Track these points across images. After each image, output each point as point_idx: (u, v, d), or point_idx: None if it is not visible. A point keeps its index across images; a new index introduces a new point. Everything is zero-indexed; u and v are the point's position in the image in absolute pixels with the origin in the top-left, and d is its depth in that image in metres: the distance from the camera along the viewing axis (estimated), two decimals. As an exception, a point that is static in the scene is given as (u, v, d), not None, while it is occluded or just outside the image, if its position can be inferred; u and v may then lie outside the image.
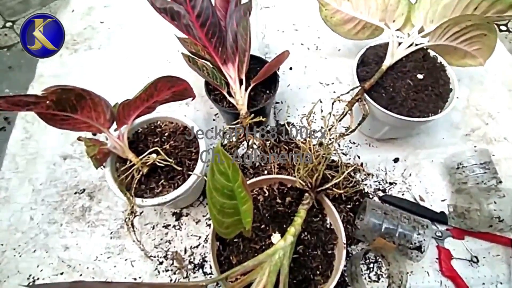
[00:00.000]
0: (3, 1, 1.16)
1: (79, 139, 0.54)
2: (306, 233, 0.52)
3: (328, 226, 0.54)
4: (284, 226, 0.52)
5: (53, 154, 0.78)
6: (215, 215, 0.39)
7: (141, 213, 0.69)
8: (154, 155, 0.56)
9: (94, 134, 0.76)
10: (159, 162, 0.54)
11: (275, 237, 0.49)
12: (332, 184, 0.49)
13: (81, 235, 0.68)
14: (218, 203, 0.39)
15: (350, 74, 0.68)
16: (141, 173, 0.54)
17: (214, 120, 0.82)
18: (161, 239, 0.67)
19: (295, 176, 0.53)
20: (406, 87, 0.65)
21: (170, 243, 0.66)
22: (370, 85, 0.63)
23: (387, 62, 0.66)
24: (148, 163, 0.54)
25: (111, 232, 0.68)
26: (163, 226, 0.68)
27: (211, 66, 0.69)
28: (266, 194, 0.56)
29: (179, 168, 0.55)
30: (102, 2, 1.07)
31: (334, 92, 0.85)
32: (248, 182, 0.56)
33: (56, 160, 0.77)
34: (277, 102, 0.84)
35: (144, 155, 0.54)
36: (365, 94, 0.63)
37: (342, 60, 0.90)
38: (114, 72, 0.90)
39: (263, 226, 0.52)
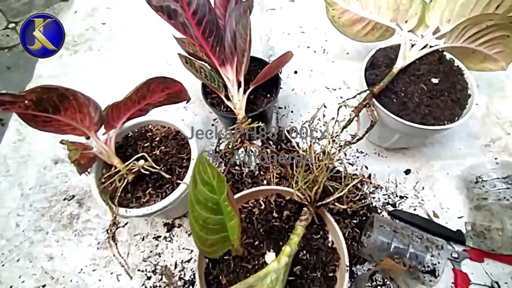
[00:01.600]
0: (7, 2, 1.16)
1: (61, 142, 0.50)
2: (304, 251, 0.46)
3: (329, 244, 0.48)
4: (280, 243, 0.47)
5: (44, 158, 0.74)
6: (198, 231, 0.35)
7: (125, 224, 0.64)
8: (141, 161, 0.52)
9: (88, 138, 0.73)
10: (145, 169, 0.50)
11: (269, 256, 0.44)
12: (335, 198, 0.43)
13: (67, 244, 0.64)
14: (201, 217, 0.34)
15: (359, 78, 0.63)
16: (126, 180, 0.49)
17: (213, 125, 0.78)
18: (151, 252, 0.62)
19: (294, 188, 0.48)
20: (420, 92, 0.59)
21: (160, 256, 0.61)
22: (380, 89, 0.58)
23: (399, 64, 0.60)
24: (134, 170, 0.50)
25: (98, 242, 0.63)
26: (153, 238, 0.63)
27: (209, 67, 0.65)
28: (262, 207, 0.51)
29: (168, 176, 0.51)
30: (106, 3, 1.05)
31: (341, 97, 0.80)
32: (243, 193, 0.51)
33: (47, 163, 0.74)
34: (280, 107, 0.79)
35: (130, 161, 0.50)
36: (374, 99, 0.58)
37: (350, 64, 0.85)
38: (113, 74, 0.88)
39: (256, 242, 0.47)
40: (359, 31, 0.72)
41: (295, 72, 0.85)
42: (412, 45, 0.64)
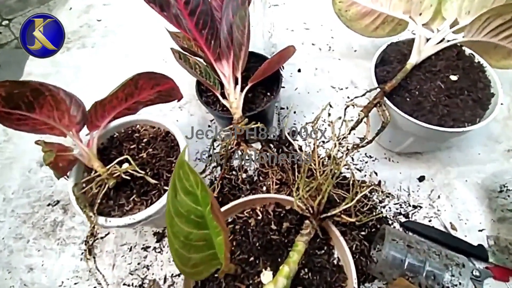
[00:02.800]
0: (2, 0, 1.13)
1: (36, 143, 0.45)
2: (306, 270, 0.41)
3: (335, 262, 0.42)
4: (279, 260, 0.41)
5: (30, 160, 0.70)
6: (178, 249, 0.29)
7: (107, 234, 0.59)
8: (126, 165, 0.47)
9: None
10: (128, 174, 0.45)
11: (266, 275, 0.38)
12: (341, 210, 0.38)
13: (48, 254, 0.59)
14: (182, 233, 0.29)
15: (367, 77, 0.57)
16: (106, 186, 0.44)
17: (209, 126, 0.72)
18: (138, 264, 0.57)
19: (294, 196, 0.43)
20: (436, 91, 0.53)
21: (148, 269, 0.56)
22: (392, 86, 0.52)
23: (413, 60, 0.55)
24: (115, 175, 0.44)
25: (82, 253, 0.58)
26: (142, 248, 0.58)
27: (205, 64, 0.60)
28: (259, 217, 0.45)
29: (154, 182, 0.46)
30: (102, 0, 1.01)
31: (348, 97, 0.74)
32: (238, 202, 0.45)
33: (32, 166, 0.69)
34: (282, 108, 0.73)
35: (111, 164, 0.45)
36: (385, 98, 0.52)
37: (358, 62, 0.79)
38: (107, 71, 0.83)
39: (252, 258, 0.41)
40: (368, 26, 0.66)
41: (299, 71, 0.79)
42: (427, 40, 0.58)
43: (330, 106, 0.53)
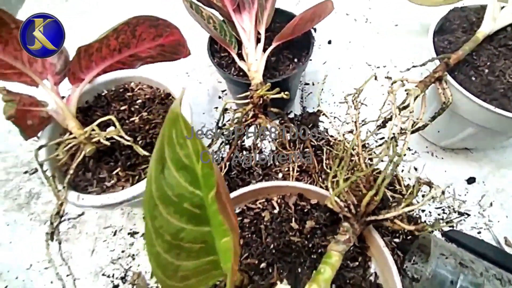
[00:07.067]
0: None
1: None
2: (334, 287, 0.30)
3: (372, 278, 0.32)
4: (299, 270, 0.31)
5: (10, 119, 0.60)
6: (160, 253, 0.19)
7: (80, 215, 0.49)
8: (111, 128, 0.36)
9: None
10: (111, 141, 0.34)
11: (282, 290, 0.28)
12: (399, 213, 0.27)
13: (19, 230, 0.50)
14: (168, 229, 0.19)
15: (409, 57, 0.47)
16: (83, 153, 0.34)
17: (220, 97, 0.62)
18: (123, 252, 0.47)
19: (325, 188, 0.32)
20: (513, 70, 0.41)
21: (133, 259, 0.47)
22: (457, 59, 0.41)
23: (486, 28, 0.43)
24: (94, 139, 0.34)
25: (58, 232, 0.49)
26: (128, 234, 0.49)
27: (222, 18, 0.49)
28: (276, 211, 0.35)
29: (146, 153, 0.35)
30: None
31: (385, 78, 0.62)
32: (250, 189, 0.35)
33: (12, 127, 0.59)
34: (306, 83, 0.62)
35: (91, 126, 0.34)
36: (447, 74, 0.41)
37: (399, 39, 0.67)
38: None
39: (263, 265, 0.31)
40: (423, -11, 0.54)
41: (329, 42, 0.68)
42: (502, 8, 0.46)
43: (375, 78, 0.42)
